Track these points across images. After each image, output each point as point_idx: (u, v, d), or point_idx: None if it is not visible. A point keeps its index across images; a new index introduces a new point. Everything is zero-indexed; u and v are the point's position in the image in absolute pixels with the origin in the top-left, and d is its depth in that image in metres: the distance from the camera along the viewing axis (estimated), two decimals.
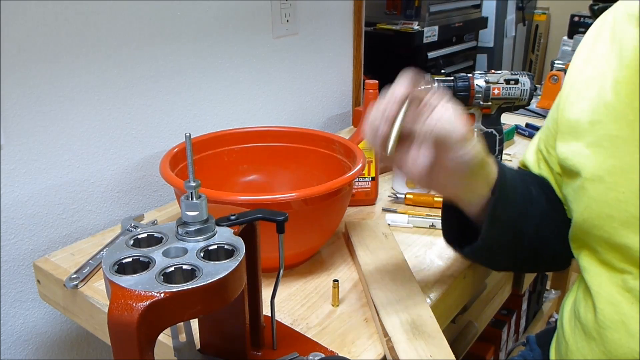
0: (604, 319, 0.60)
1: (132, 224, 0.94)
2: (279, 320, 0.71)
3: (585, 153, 0.62)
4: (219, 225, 0.53)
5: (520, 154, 1.30)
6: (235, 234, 0.52)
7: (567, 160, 0.65)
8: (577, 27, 2.99)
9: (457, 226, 0.73)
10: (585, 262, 0.64)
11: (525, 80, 1.03)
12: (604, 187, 0.59)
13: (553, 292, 1.85)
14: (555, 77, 1.56)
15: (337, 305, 0.75)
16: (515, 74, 1.04)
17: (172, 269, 0.47)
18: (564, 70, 1.59)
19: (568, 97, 0.67)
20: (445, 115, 0.58)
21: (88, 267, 0.82)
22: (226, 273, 0.46)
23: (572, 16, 3.03)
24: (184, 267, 0.48)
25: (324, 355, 0.62)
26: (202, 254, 0.49)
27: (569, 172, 0.65)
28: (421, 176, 0.60)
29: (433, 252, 0.87)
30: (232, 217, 0.54)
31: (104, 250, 0.88)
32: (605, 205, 0.59)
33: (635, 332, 0.57)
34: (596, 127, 0.61)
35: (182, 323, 0.59)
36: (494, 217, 0.66)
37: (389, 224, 0.95)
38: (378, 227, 0.91)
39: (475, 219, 0.69)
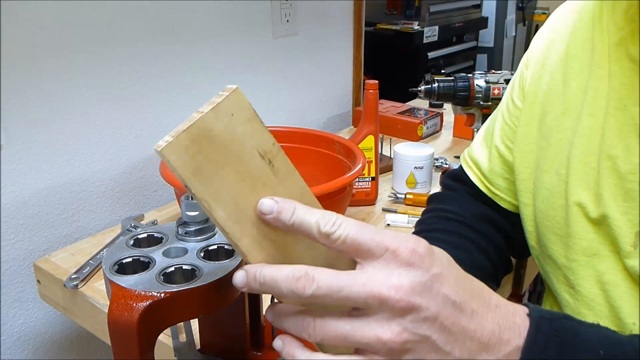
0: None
1: (132, 224, 0.94)
2: None
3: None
4: None
5: None
6: None
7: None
8: None
9: None
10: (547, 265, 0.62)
11: None
12: (557, 179, 0.58)
13: None
14: None
15: None
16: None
17: (172, 269, 0.47)
18: None
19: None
20: None
21: (88, 267, 0.82)
22: (226, 273, 0.46)
23: None
24: (184, 267, 0.48)
25: None
26: (202, 254, 0.49)
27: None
28: None
29: None
30: None
31: (104, 250, 0.88)
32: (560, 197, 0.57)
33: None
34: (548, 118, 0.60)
35: (182, 323, 0.59)
36: None
37: (388, 224, 0.95)
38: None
39: None
